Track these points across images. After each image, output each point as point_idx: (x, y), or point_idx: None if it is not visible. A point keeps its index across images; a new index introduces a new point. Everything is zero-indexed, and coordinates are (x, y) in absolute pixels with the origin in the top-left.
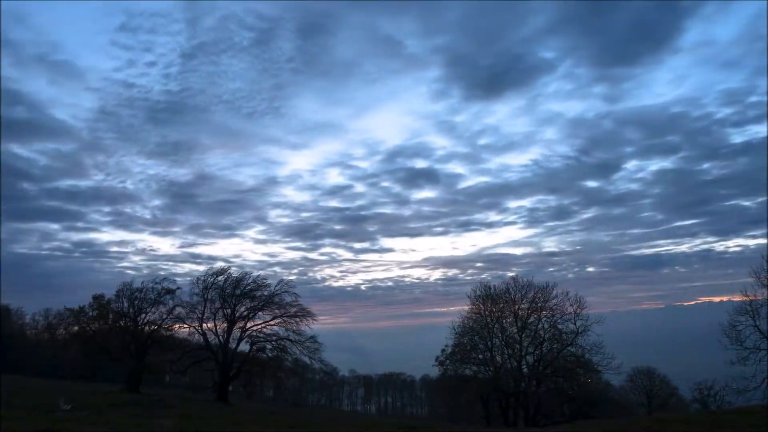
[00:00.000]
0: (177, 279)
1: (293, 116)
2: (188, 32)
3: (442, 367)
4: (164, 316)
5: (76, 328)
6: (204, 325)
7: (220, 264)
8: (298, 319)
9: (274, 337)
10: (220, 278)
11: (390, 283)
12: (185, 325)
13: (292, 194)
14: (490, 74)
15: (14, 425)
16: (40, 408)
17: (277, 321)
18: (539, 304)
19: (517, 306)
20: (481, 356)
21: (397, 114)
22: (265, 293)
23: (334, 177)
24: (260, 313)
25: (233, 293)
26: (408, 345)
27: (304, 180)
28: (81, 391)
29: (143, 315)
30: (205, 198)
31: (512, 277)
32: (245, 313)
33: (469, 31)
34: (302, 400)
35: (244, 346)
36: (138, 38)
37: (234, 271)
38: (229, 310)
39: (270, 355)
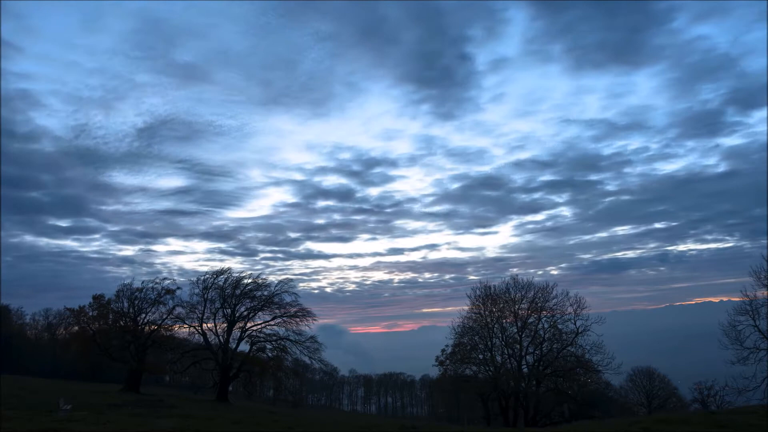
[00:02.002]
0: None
1: (169, 151)
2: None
3: (442, 367)
4: (164, 316)
5: (76, 328)
6: (204, 325)
7: (159, 269)
8: (298, 319)
9: (274, 337)
10: (220, 278)
11: (354, 287)
12: (185, 325)
13: (192, 206)
14: (311, 99)
15: (14, 425)
16: (40, 408)
17: (277, 321)
18: (539, 304)
19: (517, 306)
20: (481, 356)
21: (255, 133)
22: (265, 293)
23: (222, 186)
24: (260, 313)
25: (233, 293)
26: (400, 347)
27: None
28: (81, 391)
29: (143, 315)
30: (122, 216)
31: (512, 277)
32: (245, 313)
33: (258, 60)
34: (302, 400)
35: (244, 346)
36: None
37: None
38: (229, 310)
39: (270, 355)
